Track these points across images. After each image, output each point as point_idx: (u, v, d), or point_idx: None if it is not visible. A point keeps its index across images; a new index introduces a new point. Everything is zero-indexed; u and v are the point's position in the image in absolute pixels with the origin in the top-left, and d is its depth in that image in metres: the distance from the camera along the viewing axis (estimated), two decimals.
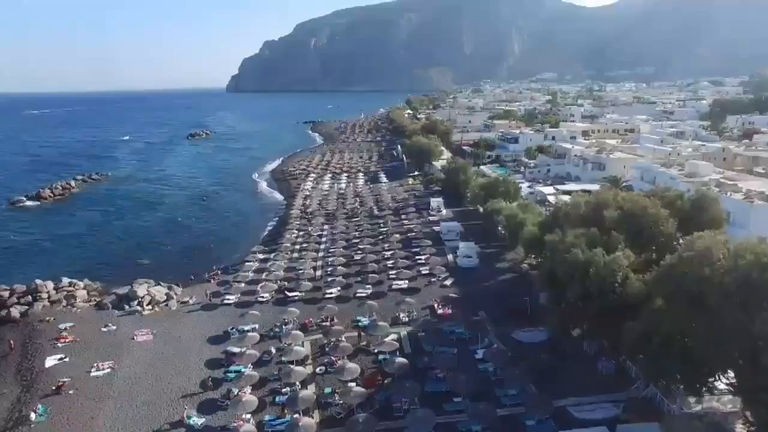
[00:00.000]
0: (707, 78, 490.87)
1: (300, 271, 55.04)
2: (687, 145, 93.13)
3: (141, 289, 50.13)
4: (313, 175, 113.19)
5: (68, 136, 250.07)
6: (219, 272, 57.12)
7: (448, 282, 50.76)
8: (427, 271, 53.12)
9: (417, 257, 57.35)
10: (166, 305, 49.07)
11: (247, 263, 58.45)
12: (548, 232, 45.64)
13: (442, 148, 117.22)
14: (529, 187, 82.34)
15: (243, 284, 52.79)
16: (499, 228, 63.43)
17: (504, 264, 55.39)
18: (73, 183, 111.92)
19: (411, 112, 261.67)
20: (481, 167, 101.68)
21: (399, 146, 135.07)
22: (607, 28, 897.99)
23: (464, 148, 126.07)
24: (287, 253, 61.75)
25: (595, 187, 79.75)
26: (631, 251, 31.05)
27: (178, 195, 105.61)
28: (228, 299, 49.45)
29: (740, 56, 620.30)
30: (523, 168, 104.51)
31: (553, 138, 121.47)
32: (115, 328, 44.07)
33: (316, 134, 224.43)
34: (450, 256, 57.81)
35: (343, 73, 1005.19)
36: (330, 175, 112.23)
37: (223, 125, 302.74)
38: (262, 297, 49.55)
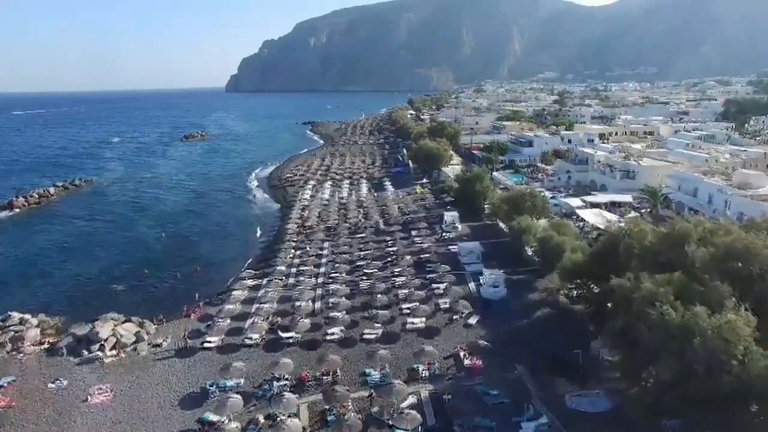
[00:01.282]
0: (711, 77, 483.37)
1: (296, 304, 46.65)
2: (724, 150, 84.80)
3: (105, 329, 41.66)
4: (312, 182, 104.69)
5: (57, 137, 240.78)
6: (201, 305, 48.63)
7: (472, 320, 42.34)
8: (447, 305, 44.70)
9: (433, 285, 48.99)
10: (134, 349, 40.59)
11: (234, 292, 50.04)
12: (599, 264, 37.63)
13: (452, 152, 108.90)
14: (552, 197, 73.89)
15: (228, 321, 44.45)
16: (526, 248, 55.11)
17: (536, 295, 46.98)
18: (51, 190, 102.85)
19: (414, 112, 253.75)
20: (494, 173, 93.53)
21: (404, 150, 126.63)
22: (608, 27, 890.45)
23: (474, 152, 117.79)
24: (281, 279, 53.38)
25: (627, 198, 71.55)
26: (748, 312, 22.60)
27: (166, 204, 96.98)
28: (209, 342, 41.01)
29: (744, 55, 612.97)
30: (540, 175, 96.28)
31: (569, 141, 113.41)
32: (66, 383, 35.63)
33: (316, 136, 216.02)
34: (472, 285, 49.43)
35: (343, 73, 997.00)
36: (330, 182, 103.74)
37: (220, 126, 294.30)
38: (251, 338, 41.17)
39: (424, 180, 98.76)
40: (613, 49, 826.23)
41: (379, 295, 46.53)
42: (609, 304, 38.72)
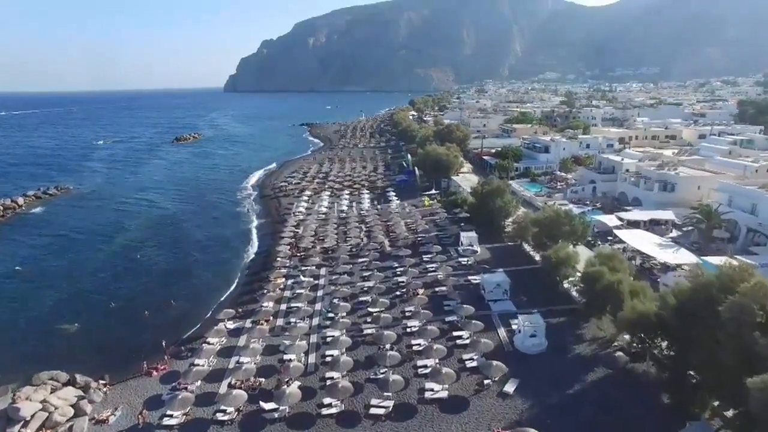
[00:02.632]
0: (715, 78, 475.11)
1: (284, 358, 37.40)
2: None
3: (33, 400, 32.27)
4: (308, 191, 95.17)
5: (43, 139, 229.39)
6: (167, 356, 39.17)
7: (509, 387, 32.90)
8: (474, 363, 35.36)
9: (455, 333, 39.64)
10: (70, 429, 31.16)
11: (209, 341, 40.60)
12: (684, 323, 28.32)
13: (462, 159, 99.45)
14: (582, 213, 64.48)
15: (198, 383, 35.09)
16: (562, 282, 45.75)
17: (584, 348, 37.54)
18: (21, 200, 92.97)
19: (416, 113, 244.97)
20: (510, 182, 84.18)
21: (408, 155, 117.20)
22: (609, 28, 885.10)
23: (484, 158, 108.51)
24: (267, 321, 43.97)
25: (667, 214, 62.31)
26: None
27: (146, 219, 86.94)
28: (170, 417, 31.62)
29: (747, 56, 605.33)
30: (559, 184, 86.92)
31: (588, 146, 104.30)
32: None
33: (314, 138, 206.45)
34: (502, 331, 40.06)
35: (342, 73, 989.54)
36: (329, 192, 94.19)
37: (215, 127, 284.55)
38: (224, 412, 31.82)
39: (433, 190, 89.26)
40: (615, 49, 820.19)
41: (388, 348, 37.20)
42: (692, 372, 30.00)
